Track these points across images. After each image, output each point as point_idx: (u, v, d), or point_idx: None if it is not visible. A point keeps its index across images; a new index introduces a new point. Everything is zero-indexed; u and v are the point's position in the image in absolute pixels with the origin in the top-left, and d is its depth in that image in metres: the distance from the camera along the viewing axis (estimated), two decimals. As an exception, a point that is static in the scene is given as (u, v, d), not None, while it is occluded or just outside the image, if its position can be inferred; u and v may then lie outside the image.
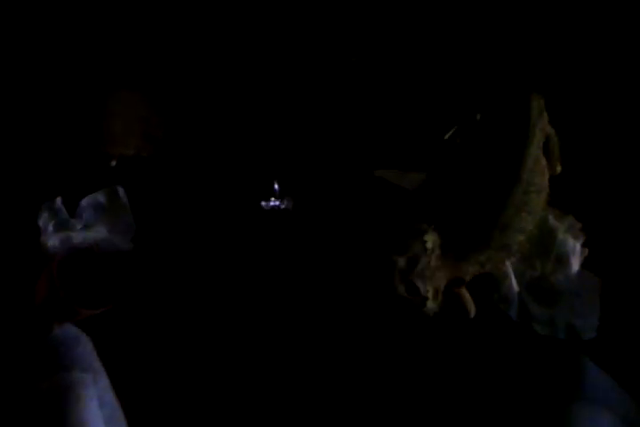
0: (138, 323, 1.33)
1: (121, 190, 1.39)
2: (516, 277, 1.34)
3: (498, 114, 1.35)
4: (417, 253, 1.25)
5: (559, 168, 1.37)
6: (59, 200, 1.35)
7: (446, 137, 1.40)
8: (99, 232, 1.35)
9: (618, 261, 1.35)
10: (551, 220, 1.36)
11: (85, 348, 1.22)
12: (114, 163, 1.41)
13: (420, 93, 1.47)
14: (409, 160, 1.42)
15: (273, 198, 1.40)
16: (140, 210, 1.40)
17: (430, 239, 1.26)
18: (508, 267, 1.35)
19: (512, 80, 1.45)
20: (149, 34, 1.46)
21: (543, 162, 1.32)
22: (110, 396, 1.19)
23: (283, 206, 1.40)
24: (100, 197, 1.38)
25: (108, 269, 1.31)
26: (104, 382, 1.20)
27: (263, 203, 1.40)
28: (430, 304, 1.26)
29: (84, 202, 1.37)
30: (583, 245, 1.35)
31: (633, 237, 1.37)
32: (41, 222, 1.33)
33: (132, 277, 1.33)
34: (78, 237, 1.32)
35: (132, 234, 1.37)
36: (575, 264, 1.34)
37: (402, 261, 1.25)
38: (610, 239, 1.36)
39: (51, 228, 1.33)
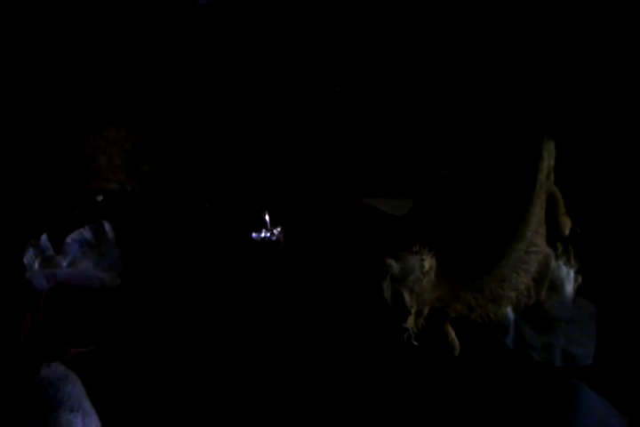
0: (128, 361, 1.29)
1: (107, 226, 1.36)
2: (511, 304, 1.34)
3: (504, 161, 1.35)
4: (412, 267, 1.25)
5: (568, 225, 1.36)
6: (44, 237, 1.32)
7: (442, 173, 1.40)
8: (85, 269, 1.32)
9: (613, 287, 1.35)
10: (545, 248, 1.36)
11: (74, 387, 1.19)
12: (100, 198, 1.39)
13: (407, 122, 1.47)
14: (394, 187, 1.42)
15: (264, 230, 1.39)
16: (127, 245, 1.36)
17: (428, 260, 1.26)
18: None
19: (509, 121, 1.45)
20: (133, 69, 1.45)
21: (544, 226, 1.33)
22: (101, 436, 1.16)
23: (274, 238, 1.38)
24: (85, 232, 1.35)
25: (95, 306, 1.27)
26: (94, 421, 1.17)
27: (254, 235, 1.38)
28: (410, 322, 1.25)
29: (70, 238, 1.34)
30: (577, 272, 1.35)
31: (627, 264, 1.37)
32: (26, 260, 1.29)
33: (120, 314, 1.29)
34: (64, 273, 1.29)
35: (119, 270, 1.34)
36: (570, 291, 1.34)
37: (396, 268, 1.25)
38: (605, 266, 1.36)
39: (36, 265, 1.29)
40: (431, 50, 1.48)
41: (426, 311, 1.26)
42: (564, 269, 1.35)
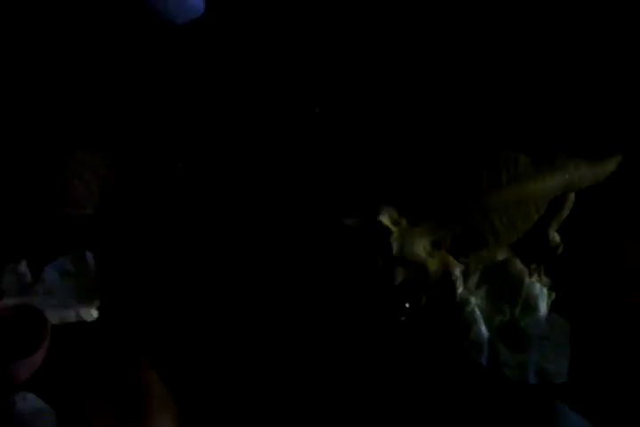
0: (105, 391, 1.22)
1: (89, 256, 1.34)
2: (485, 322, 1.34)
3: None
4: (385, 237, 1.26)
5: (557, 241, 1.40)
6: (23, 263, 1.32)
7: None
8: (62, 299, 1.30)
9: (586, 304, 1.35)
10: (518, 264, 1.38)
11: (49, 422, 1.16)
12: (75, 224, 1.39)
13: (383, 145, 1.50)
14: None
15: None
16: (107, 276, 1.35)
17: (385, 216, 1.27)
18: (476, 310, 1.35)
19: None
20: (107, 95, 1.47)
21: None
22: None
23: None
24: (66, 262, 1.34)
25: (69, 340, 1.24)
26: None
27: None
28: (432, 263, 1.28)
29: (49, 266, 1.33)
30: (550, 289, 1.36)
31: (600, 280, 1.37)
32: (3, 285, 1.29)
33: (96, 347, 1.26)
34: (39, 302, 1.27)
35: (97, 303, 1.31)
36: (543, 308, 1.34)
37: (379, 256, 1.27)
38: (577, 283, 1.37)
39: (13, 291, 1.28)
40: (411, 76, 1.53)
41: (429, 248, 1.28)
42: (538, 286, 1.35)
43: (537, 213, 1.34)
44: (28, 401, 1.19)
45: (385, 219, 1.28)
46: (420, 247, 1.28)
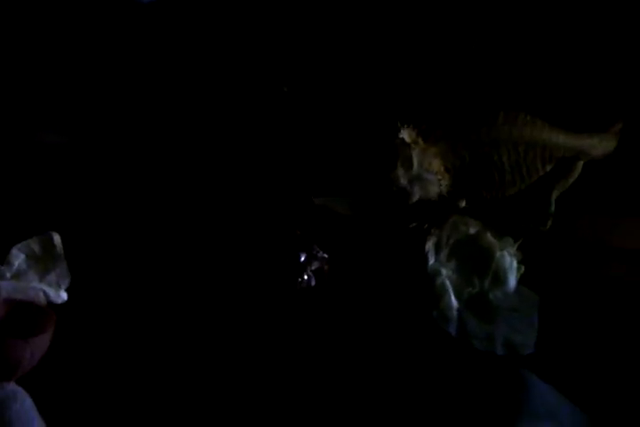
0: (80, 375, 1.25)
1: (56, 237, 1.32)
2: (454, 293, 1.36)
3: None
4: (407, 155, 1.32)
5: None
6: None
7: None
8: (30, 282, 1.28)
9: (554, 277, 1.37)
10: (489, 237, 1.38)
11: (23, 404, 1.15)
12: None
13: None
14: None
15: None
16: (76, 259, 1.33)
17: (406, 134, 1.32)
18: (446, 282, 1.36)
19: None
20: (73, 77, 1.44)
21: None
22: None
23: None
24: (33, 244, 1.31)
25: (39, 322, 1.22)
26: None
27: None
28: (445, 183, 1.35)
29: (16, 249, 1.30)
30: (520, 263, 1.37)
31: (568, 253, 1.38)
32: None
33: (65, 331, 1.24)
34: (7, 286, 1.26)
35: (66, 285, 1.30)
36: (512, 281, 1.36)
37: (400, 172, 1.32)
38: (546, 256, 1.38)
39: None
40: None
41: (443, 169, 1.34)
42: (508, 259, 1.36)
43: (542, 168, 1.38)
44: (1, 387, 1.18)
45: (406, 136, 1.32)
46: (437, 164, 1.34)
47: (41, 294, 1.28)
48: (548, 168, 1.38)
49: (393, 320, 1.34)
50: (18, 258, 1.31)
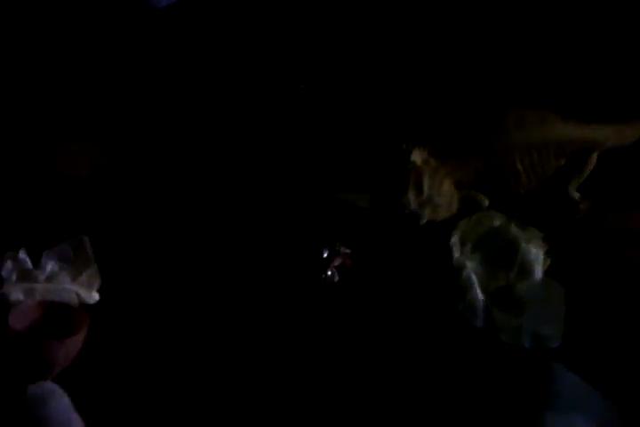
0: (114, 373, 1.29)
1: (86, 240, 1.36)
2: (480, 286, 1.35)
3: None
4: (418, 179, 1.31)
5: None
6: (23, 250, 1.33)
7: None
8: (62, 284, 1.32)
9: (581, 269, 1.35)
10: (514, 230, 1.37)
11: (61, 402, 1.19)
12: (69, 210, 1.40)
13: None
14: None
15: None
16: (107, 261, 1.37)
17: (417, 155, 1.32)
18: (472, 275, 1.36)
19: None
20: (91, 81, 1.46)
21: None
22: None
23: None
24: (64, 247, 1.35)
25: (72, 323, 1.28)
26: None
27: None
28: (455, 205, 1.36)
29: (48, 252, 1.34)
30: (546, 254, 1.36)
31: (595, 243, 1.37)
32: (4, 272, 1.31)
33: (99, 329, 1.29)
34: (41, 288, 1.30)
35: (97, 286, 1.34)
36: (539, 273, 1.35)
37: (411, 196, 1.32)
38: (573, 248, 1.36)
39: (14, 278, 1.30)
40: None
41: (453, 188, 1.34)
42: (534, 251, 1.35)
43: (556, 162, 1.36)
44: (39, 385, 1.21)
45: (417, 158, 1.32)
46: (448, 185, 1.34)
47: (74, 296, 1.33)
48: (562, 162, 1.37)
49: (418, 315, 1.35)
50: (50, 261, 1.35)
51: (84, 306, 1.32)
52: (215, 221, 1.42)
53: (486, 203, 1.38)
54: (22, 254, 1.33)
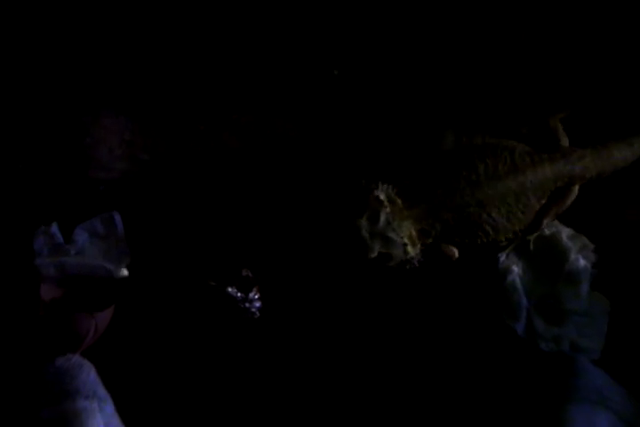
0: (141, 348, 1.32)
1: (117, 217, 1.35)
2: (524, 293, 1.34)
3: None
4: (376, 210, 1.24)
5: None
6: (55, 225, 1.32)
7: None
8: (93, 258, 1.32)
9: (629, 283, 1.35)
10: (564, 239, 1.34)
11: (89, 375, 1.20)
12: (102, 188, 1.36)
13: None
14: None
15: None
16: (137, 238, 1.36)
17: (382, 193, 1.25)
18: (517, 280, 1.34)
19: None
20: (128, 59, 1.39)
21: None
22: (117, 422, 1.18)
23: None
24: (95, 223, 1.34)
25: (101, 297, 1.29)
26: (110, 408, 1.19)
27: None
28: (411, 250, 1.26)
29: (80, 228, 1.34)
30: (594, 266, 1.34)
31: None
32: (36, 246, 1.30)
33: (126, 305, 1.31)
34: (72, 262, 1.30)
35: (127, 262, 1.33)
36: (585, 285, 1.33)
37: (364, 223, 1.24)
38: (621, 261, 1.35)
39: (45, 252, 1.30)
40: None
41: (416, 234, 1.26)
42: (582, 262, 1.33)
43: (538, 204, 1.29)
44: (68, 357, 1.23)
45: (382, 194, 1.25)
46: (406, 231, 1.25)
47: (103, 271, 1.32)
48: (543, 202, 1.30)
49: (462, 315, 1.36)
50: (81, 236, 1.34)
51: (113, 281, 1.32)
52: (253, 201, 1.39)
53: (456, 255, 1.29)
54: (54, 229, 1.33)
